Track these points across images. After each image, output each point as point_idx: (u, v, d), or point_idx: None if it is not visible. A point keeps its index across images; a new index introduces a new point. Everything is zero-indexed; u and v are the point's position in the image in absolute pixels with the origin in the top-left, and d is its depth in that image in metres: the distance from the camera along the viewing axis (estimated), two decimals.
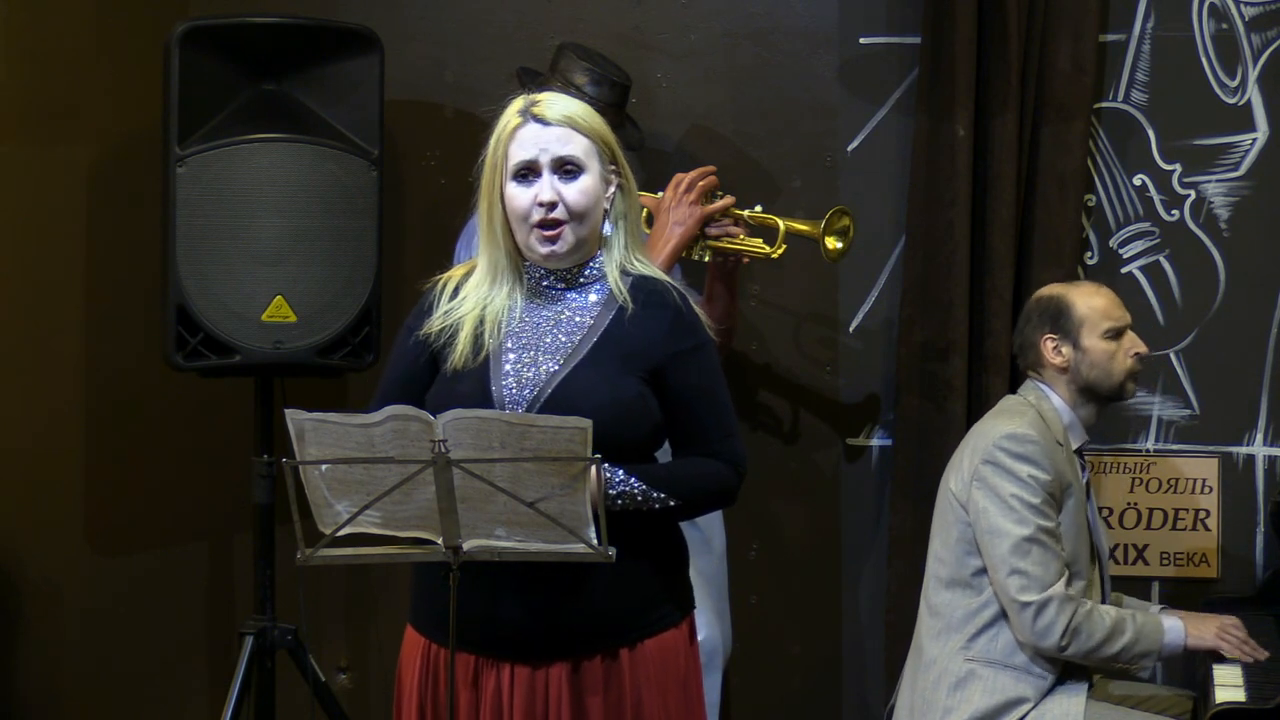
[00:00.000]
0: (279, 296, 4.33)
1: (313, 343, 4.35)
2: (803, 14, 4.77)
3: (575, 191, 3.14)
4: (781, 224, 4.32)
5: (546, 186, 3.13)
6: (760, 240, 4.35)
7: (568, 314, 3.18)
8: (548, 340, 3.16)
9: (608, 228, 3.20)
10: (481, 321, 3.16)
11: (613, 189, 3.20)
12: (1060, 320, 3.99)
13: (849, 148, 4.77)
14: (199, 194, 4.29)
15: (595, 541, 2.96)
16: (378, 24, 4.50)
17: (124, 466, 4.93)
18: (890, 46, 4.74)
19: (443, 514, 2.95)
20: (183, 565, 4.95)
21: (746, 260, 4.40)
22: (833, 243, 4.33)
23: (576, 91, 4.43)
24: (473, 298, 3.19)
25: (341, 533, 2.99)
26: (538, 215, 3.13)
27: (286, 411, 2.98)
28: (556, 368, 3.13)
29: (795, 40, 4.78)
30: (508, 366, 3.14)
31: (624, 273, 3.20)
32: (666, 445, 3.26)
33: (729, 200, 4.34)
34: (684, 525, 4.42)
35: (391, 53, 4.50)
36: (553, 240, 3.14)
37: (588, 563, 3.02)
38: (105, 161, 4.88)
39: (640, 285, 3.19)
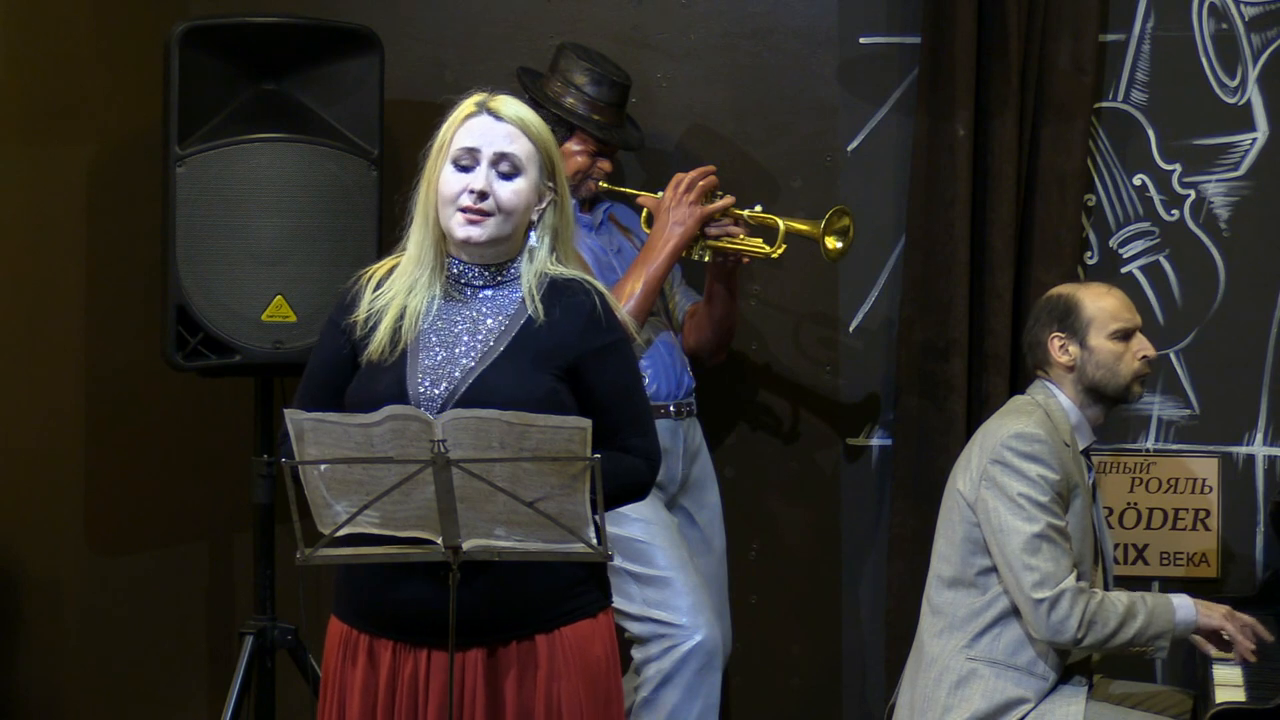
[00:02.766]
0: (279, 296, 4.33)
1: (312, 343, 4.32)
2: (803, 14, 4.77)
3: (509, 190, 3.17)
4: (781, 224, 4.33)
5: (481, 176, 3.16)
6: (760, 240, 4.36)
7: (485, 311, 3.20)
8: (464, 337, 3.18)
9: (533, 239, 3.22)
10: (401, 316, 3.19)
11: (545, 203, 3.22)
12: (1068, 319, 3.98)
13: (849, 148, 4.77)
14: (199, 194, 4.29)
15: (595, 541, 2.97)
16: (378, 24, 4.50)
17: (124, 466, 4.93)
18: (890, 46, 4.74)
19: (442, 514, 2.95)
20: (183, 565, 4.95)
21: (746, 260, 4.40)
22: (833, 243, 4.33)
23: (576, 91, 4.43)
24: (395, 289, 3.21)
25: (341, 533, 2.99)
26: (466, 200, 3.16)
27: (286, 411, 2.98)
28: (472, 364, 3.15)
29: (795, 40, 4.77)
30: (424, 363, 3.16)
31: (543, 275, 3.21)
32: None
33: (729, 200, 4.34)
34: (684, 525, 4.46)
35: (391, 53, 4.50)
36: (475, 224, 3.16)
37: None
38: (105, 161, 4.88)
39: (557, 284, 3.21)
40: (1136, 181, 4.71)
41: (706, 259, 4.39)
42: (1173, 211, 4.70)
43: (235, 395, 4.67)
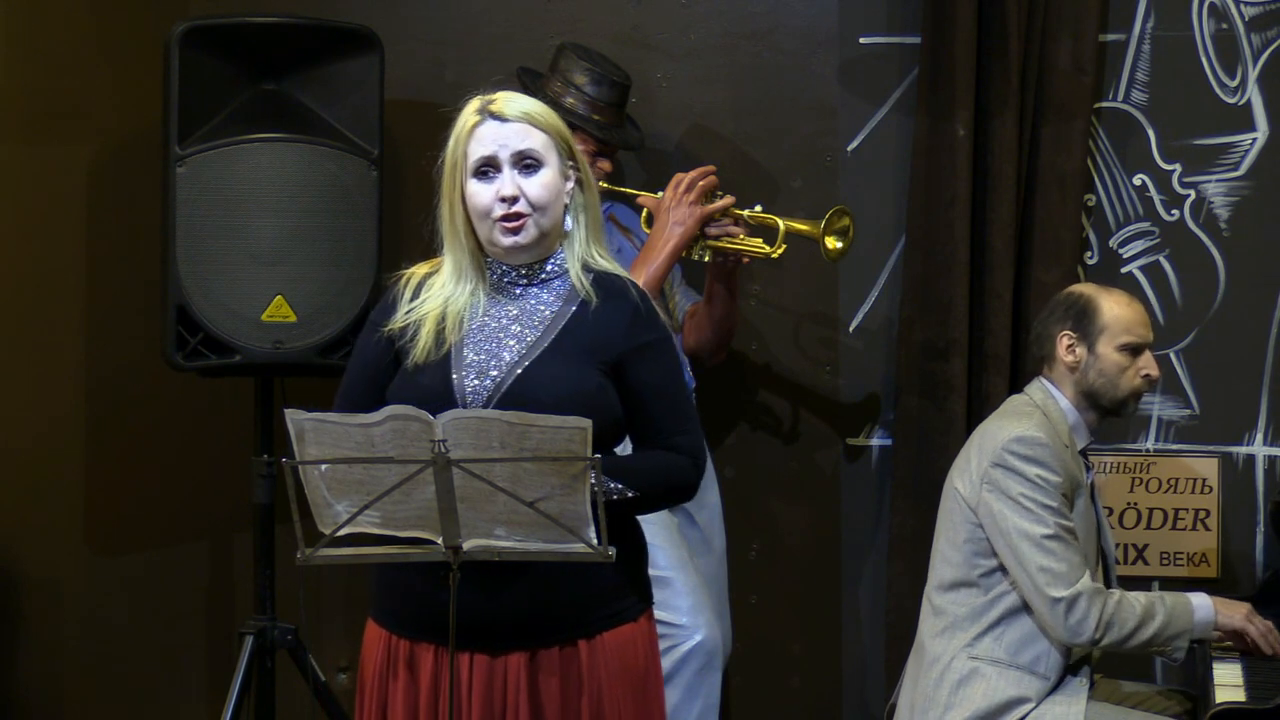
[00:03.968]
0: (279, 296, 4.33)
1: (313, 343, 4.35)
2: (803, 14, 4.77)
3: (536, 185, 3.17)
4: (781, 224, 4.33)
5: (508, 181, 3.16)
6: (760, 240, 4.36)
7: (530, 308, 3.20)
8: (510, 334, 3.18)
9: (568, 223, 3.23)
10: (444, 318, 3.19)
11: (571, 184, 3.23)
12: (1083, 320, 3.97)
13: (849, 148, 4.77)
14: (199, 194, 4.29)
15: (595, 541, 2.97)
16: (378, 24, 4.51)
17: (124, 466, 4.93)
18: (890, 46, 4.74)
19: (442, 514, 2.95)
20: (183, 565, 4.95)
21: (746, 260, 4.40)
22: (833, 243, 4.33)
23: (576, 91, 4.43)
24: (436, 296, 3.21)
25: (341, 533, 2.99)
26: (500, 210, 3.16)
27: (286, 411, 2.98)
28: (517, 360, 3.15)
29: (795, 40, 4.78)
30: (469, 359, 3.16)
31: (585, 268, 3.23)
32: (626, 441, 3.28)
33: (729, 200, 4.34)
34: (684, 525, 4.46)
35: (391, 53, 4.50)
36: (515, 232, 3.16)
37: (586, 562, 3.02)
38: (105, 161, 4.88)
39: (600, 281, 3.22)
40: (1136, 181, 4.71)
41: (706, 259, 4.39)
42: (1173, 211, 4.70)
43: (235, 395, 4.67)
